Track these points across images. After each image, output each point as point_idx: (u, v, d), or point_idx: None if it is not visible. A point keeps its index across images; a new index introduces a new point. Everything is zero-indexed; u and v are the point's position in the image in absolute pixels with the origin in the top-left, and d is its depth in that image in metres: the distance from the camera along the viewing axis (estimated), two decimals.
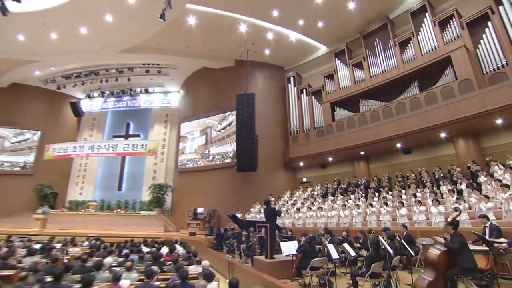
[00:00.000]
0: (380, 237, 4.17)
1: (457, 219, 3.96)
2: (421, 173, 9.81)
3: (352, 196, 9.46)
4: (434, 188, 7.81)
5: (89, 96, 20.70)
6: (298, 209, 9.96)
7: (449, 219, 3.62)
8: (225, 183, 14.53)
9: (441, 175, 8.66)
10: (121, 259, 5.31)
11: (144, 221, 15.08)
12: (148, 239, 9.05)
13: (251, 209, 12.15)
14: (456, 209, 4.91)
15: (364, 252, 5.06)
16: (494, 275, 3.82)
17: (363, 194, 9.36)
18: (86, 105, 21.10)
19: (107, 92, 19.96)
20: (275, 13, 12.40)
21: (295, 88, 15.32)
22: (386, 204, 7.36)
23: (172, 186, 17.96)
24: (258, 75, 16.19)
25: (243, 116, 13.11)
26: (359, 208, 7.97)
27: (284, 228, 8.18)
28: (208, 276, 3.75)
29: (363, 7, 11.88)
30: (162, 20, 9.57)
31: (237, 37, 13.80)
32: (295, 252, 4.99)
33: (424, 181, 8.63)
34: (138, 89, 19.84)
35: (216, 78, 16.46)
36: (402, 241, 4.81)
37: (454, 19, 10.33)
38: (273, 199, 12.85)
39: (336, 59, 13.98)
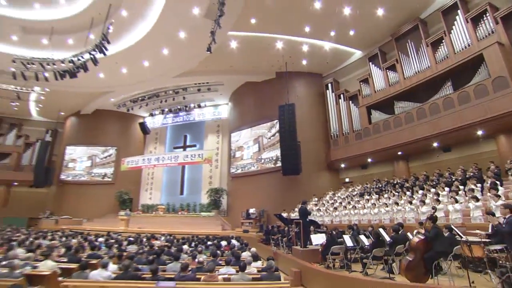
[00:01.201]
0: (380, 229, 5.28)
1: (435, 215, 4.92)
2: (458, 171, 10.03)
3: (386, 195, 10.22)
4: (459, 186, 8.25)
5: (151, 115, 24.08)
6: (336, 208, 11.06)
7: (428, 215, 4.63)
8: (273, 185, 15.99)
9: (473, 173, 8.98)
10: (192, 248, 7.18)
11: (204, 221, 17.32)
12: (210, 235, 11.00)
13: (295, 209, 13.45)
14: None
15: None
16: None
17: (395, 193, 10.03)
18: (149, 122, 24.51)
19: (166, 109, 23.00)
20: (307, 29, 13.57)
21: (333, 93, 16.20)
22: (410, 203, 8.12)
23: (227, 189, 20.07)
24: (297, 84, 17.39)
25: (285, 125, 14.48)
26: (387, 207, 8.84)
27: (322, 225, 9.38)
28: (255, 257, 5.31)
29: (393, 10, 12.23)
30: (208, 52, 11.44)
31: (275, 53, 15.19)
32: (320, 242, 6.30)
33: (454, 180, 9.02)
34: (192, 105, 22.47)
35: (259, 90, 18.07)
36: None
37: (487, 14, 10.25)
38: (316, 199, 14.02)
39: (370, 63, 14.54)
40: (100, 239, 8.67)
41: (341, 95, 15.76)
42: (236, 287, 3.81)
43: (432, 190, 8.52)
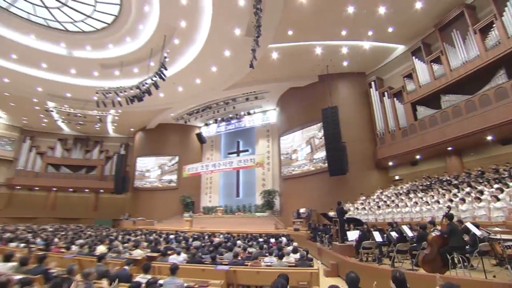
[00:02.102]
0: (403, 226, 5.77)
1: (451, 212, 5.25)
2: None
3: (431, 193, 10.15)
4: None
5: (206, 124, 26.37)
6: (379, 207, 11.30)
7: (445, 213, 5.05)
8: (322, 185, 16.48)
9: None
10: (244, 243, 8.41)
11: (259, 220, 18.59)
12: (262, 234, 12.18)
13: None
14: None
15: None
16: None
17: (442, 191, 9.88)
18: (205, 131, 26.84)
19: (219, 119, 24.94)
20: (343, 32, 13.91)
21: (377, 92, 16.13)
22: (451, 201, 8.11)
23: (279, 191, 21.13)
24: (340, 85, 17.65)
25: (329, 127, 14.99)
26: (429, 205, 8.93)
27: (365, 223, 9.82)
28: (295, 250, 6.27)
29: (432, 0, 11.81)
30: (251, 68, 12.64)
31: (315, 58, 15.74)
32: (354, 238, 6.95)
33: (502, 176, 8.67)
34: (242, 113, 24.05)
35: (304, 94, 18.72)
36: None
37: None
38: (364, 197, 14.23)
39: (413, 57, 14.17)
40: (171, 236, 10.44)
41: (385, 93, 15.62)
42: (273, 270, 4.79)
43: (480, 187, 8.35)
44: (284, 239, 9.28)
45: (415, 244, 5.54)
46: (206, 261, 5.59)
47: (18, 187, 27.10)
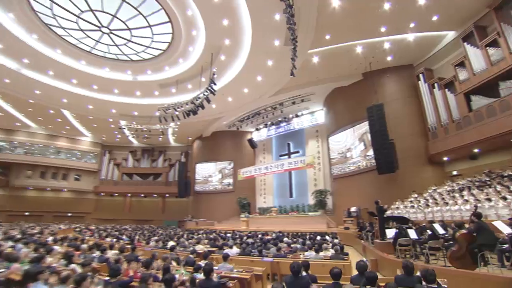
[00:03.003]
0: (434, 224, 5.98)
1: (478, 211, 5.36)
2: None
3: (488, 189, 9.69)
4: None
5: (257, 129, 27.63)
6: (427, 205, 11.03)
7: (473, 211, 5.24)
8: (372, 183, 16.33)
9: None
10: (291, 240, 9.25)
11: (312, 220, 19.08)
12: (313, 232, 12.82)
13: (392, 206, 13.72)
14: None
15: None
16: None
17: (500, 187, 9.38)
18: (256, 136, 28.18)
19: (269, 123, 25.97)
20: (383, 29, 13.78)
21: (426, 84, 15.48)
22: (505, 199, 7.78)
23: (331, 190, 21.33)
24: (386, 81, 17.28)
25: (375, 125, 14.87)
26: (479, 202, 8.60)
27: (412, 221, 9.85)
28: (334, 245, 6.92)
29: None
30: (292, 76, 13.40)
31: (356, 57, 15.76)
32: (391, 236, 7.27)
33: None
34: (290, 116, 24.78)
35: (349, 93, 18.73)
36: None
37: None
38: (416, 195, 13.87)
39: (465, 43, 13.23)
40: (228, 234, 11.75)
41: (435, 84, 14.91)
42: (310, 261, 5.55)
43: None
44: (328, 237, 9.83)
45: (451, 242, 5.77)
46: (254, 254, 6.56)
47: (103, 194, 31.85)
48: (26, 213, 28.13)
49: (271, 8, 11.85)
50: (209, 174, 28.51)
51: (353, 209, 16.41)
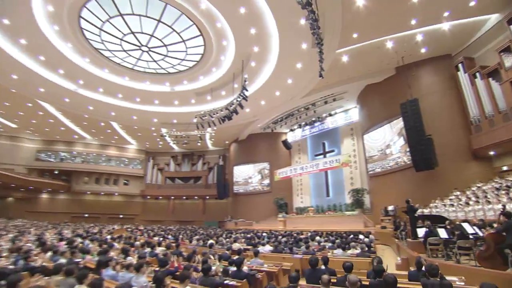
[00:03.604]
0: (463, 223, 5.94)
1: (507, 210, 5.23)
2: None
3: None
4: None
5: (291, 130, 27.92)
6: (468, 203, 10.58)
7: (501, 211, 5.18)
8: (410, 181, 15.77)
9: None
10: (323, 239, 9.56)
11: (349, 219, 18.96)
12: (348, 231, 12.92)
13: (430, 204, 13.26)
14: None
15: None
16: None
17: None
18: (290, 136, 28.45)
19: (303, 123, 26.11)
20: (413, 21, 13.36)
21: (466, 74, 14.65)
22: None
23: (368, 189, 20.96)
24: (421, 74, 16.64)
25: (409, 122, 14.49)
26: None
27: (450, 220, 9.58)
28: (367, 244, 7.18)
29: None
30: (321, 78, 13.58)
31: (387, 52, 15.40)
32: (422, 235, 7.27)
33: None
34: (324, 115, 24.72)
35: (381, 89, 18.31)
36: None
37: None
38: (458, 193, 13.27)
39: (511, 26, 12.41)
40: (264, 234, 12.34)
41: (477, 74, 14.05)
42: (336, 259, 5.89)
43: None
44: (361, 236, 9.93)
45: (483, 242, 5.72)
46: (286, 252, 7.03)
47: (148, 197, 34.28)
48: (86, 215, 31.62)
49: (295, 14, 12.17)
50: (249, 175, 29.30)
51: (390, 207, 16.03)
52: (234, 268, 4.46)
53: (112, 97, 21.40)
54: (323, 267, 4.16)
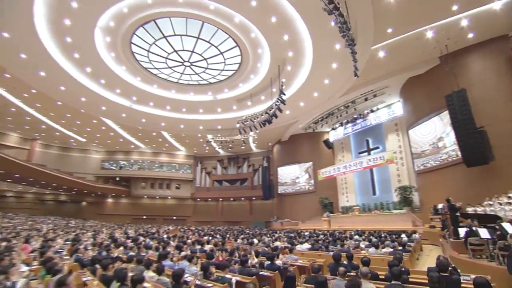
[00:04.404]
0: (503, 223, 5.78)
1: None
2: None
3: None
4: None
5: (333, 129, 27.67)
6: (510, 203, 9.83)
7: None
8: (462, 177, 14.83)
9: None
10: (362, 237, 9.74)
11: (396, 218, 18.33)
12: (392, 231, 12.76)
13: (484, 202, 12.43)
14: None
15: None
16: None
17: None
18: (333, 135, 28.18)
19: (344, 121, 25.78)
20: (455, 7, 12.68)
21: None
22: None
23: (416, 186, 20.06)
24: (470, 60, 15.50)
25: (456, 114, 13.70)
26: None
27: (500, 219, 9.09)
28: (398, 243, 7.33)
29: None
30: (356, 77, 13.60)
31: (428, 42, 14.67)
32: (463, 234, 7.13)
33: None
34: (366, 111, 24.13)
35: (425, 81, 17.45)
36: None
37: None
38: None
39: None
40: (306, 233, 12.77)
41: None
42: (368, 256, 6.17)
43: None
44: (404, 235, 9.86)
45: None
46: (322, 249, 7.45)
47: (198, 199, 36.45)
48: (144, 217, 34.85)
49: (325, 17, 12.18)
50: (296, 175, 29.63)
51: (440, 206, 15.30)
52: (269, 262, 5.09)
53: (161, 109, 23.50)
54: (345, 262, 4.56)
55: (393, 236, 9.82)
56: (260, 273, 4.60)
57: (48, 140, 30.97)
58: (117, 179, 35.42)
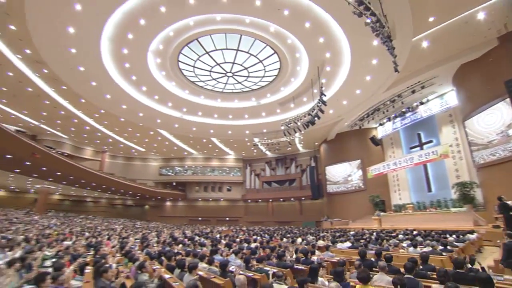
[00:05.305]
0: None
1: None
2: None
3: None
4: None
5: (380, 124, 26.73)
6: None
7: None
8: None
9: None
10: (406, 236, 9.70)
11: (454, 217, 17.18)
12: (446, 230, 12.26)
13: None
14: None
15: None
16: None
17: None
18: (381, 131, 27.21)
19: (392, 116, 24.79)
20: None
21: None
22: None
23: (477, 182, 18.53)
24: None
25: None
26: None
27: None
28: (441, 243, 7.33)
29: None
30: (397, 72, 13.33)
31: (480, 24, 13.61)
32: None
33: None
34: (414, 104, 22.91)
35: (481, 66, 16.10)
36: None
37: None
38: None
39: None
40: (351, 232, 12.92)
41: None
42: (404, 255, 6.38)
43: None
44: (454, 235, 9.55)
45: None
46: (361, 247, 7.75)
47: (249, 201, 37.84)
48: (199, 218, 37.39)
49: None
50: (348, 173, 29.11)
51: (509, 203, 14.10)
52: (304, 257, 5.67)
53: (209, 117, 25.26)
54: (372, 259, 4.92)
55: (439, 235, 9.57)
56: (295, 266, 5.20)
57: (115, 151, 35.23)
58: (174, 184, 38.57)
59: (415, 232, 12.27)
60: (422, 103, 22.54)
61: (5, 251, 6.73)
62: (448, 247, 7.01)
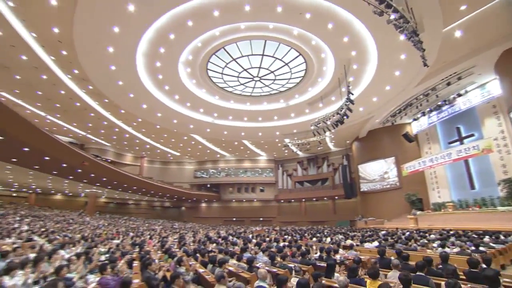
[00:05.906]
0: None
1: None
2: None
3: None
4: None
5: (415, 119, 25.64)
6: None
7: None
8: None
9: None
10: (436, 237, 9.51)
11: (502, 216, 15.87)
12: (488, 231, 11.70)
13: None
14: None
15: None
16: None
17: None
18: (416, 126, 26.03)
19: (427, 110, 23.70)
20: None
21: None
22: None
23: None
24: None
25: None
26: None
27: None
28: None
29: None
30: (426, 67, 12.93)
31: None
32: None
33: None
34: (452, 96, 21.71)
35: None
36: None
37: None
38: None
39: None
40: (382, 232, 12.79)
41: None
42: (430, 254, 6.37)
43: None
44: (492, 237, 9.17)
45: None
46: (389, 247, 7.81)
47: (282, 201, 38.13)
48: (234, 219, 38.45)
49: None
50: (384, 170, 28.29)
51: None
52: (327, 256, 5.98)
53: (240, 121, 26.08)
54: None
55: (477, 236, 9.21)
56: (318, 264, 5.49)
57: (152, 156, 37.56)
58: (208, 185, 40.05)
59: (451, 232, 11.84)
60: (460, 95, 21.29)
61: (70, 247, 8.16)
62: (482, 248, 6.83)
